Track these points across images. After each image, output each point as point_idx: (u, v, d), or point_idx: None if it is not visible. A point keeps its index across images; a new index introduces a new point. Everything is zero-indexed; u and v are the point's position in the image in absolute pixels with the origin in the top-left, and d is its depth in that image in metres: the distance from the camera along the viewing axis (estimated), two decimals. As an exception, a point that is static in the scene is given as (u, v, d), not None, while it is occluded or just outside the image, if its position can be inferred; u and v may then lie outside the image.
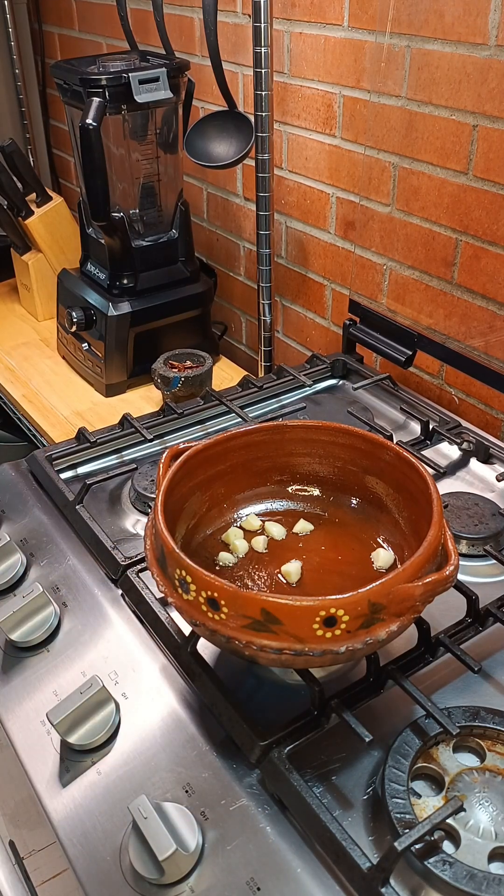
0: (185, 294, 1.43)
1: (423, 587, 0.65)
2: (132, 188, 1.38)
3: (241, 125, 1.31)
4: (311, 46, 1.25)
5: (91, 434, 1.12)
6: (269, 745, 0.68)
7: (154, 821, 0.62)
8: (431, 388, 1.27)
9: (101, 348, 1.39)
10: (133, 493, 1.02)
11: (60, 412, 1.39)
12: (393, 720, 0.72)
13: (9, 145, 1.56)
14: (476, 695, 0.75)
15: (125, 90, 1.24)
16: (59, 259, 1.66)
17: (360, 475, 0.85)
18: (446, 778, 0.67)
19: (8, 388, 1.48)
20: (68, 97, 1.31)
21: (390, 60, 1.12)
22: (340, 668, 0.78)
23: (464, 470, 1.06)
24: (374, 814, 0.65)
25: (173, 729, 0.73)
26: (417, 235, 1.18)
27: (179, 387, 1.27)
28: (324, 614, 0.63)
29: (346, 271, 1.35)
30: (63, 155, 2.14)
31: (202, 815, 0.66)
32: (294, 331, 1.54)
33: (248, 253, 1.57)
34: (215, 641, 0.69)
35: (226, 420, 1.18)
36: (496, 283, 1.09)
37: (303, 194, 1.38)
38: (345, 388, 1.28)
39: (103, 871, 0.64)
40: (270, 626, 0.63)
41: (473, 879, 0.59)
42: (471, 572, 0.89)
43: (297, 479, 0.89)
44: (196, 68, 1.43)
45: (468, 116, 1.04)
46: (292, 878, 0.61)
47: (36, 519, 1.00)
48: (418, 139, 1.12)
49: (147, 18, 1.51)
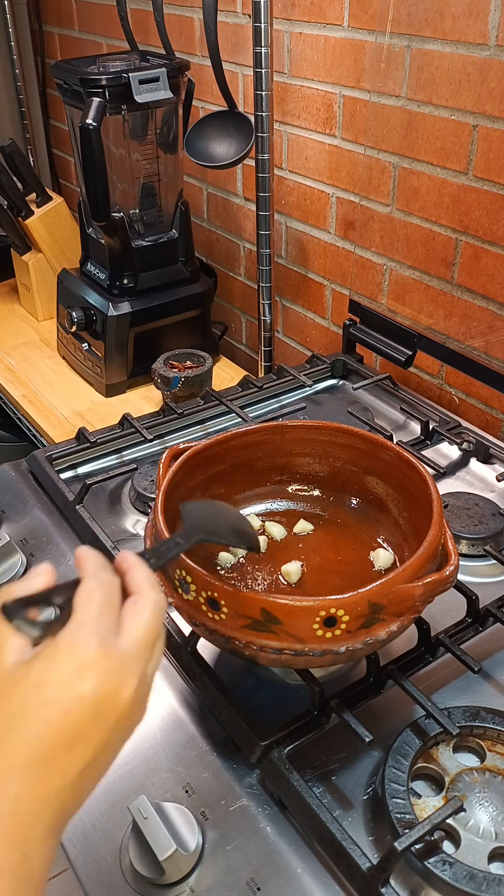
0: (185, 294, 1.43)
1: (423, 587, 0.65)
2: (132, 188, 1.38)
3: (241, 125, 1.31)
4: (311, 46, 1.25)
5: (91, 434, 1.11)
6: (270, 745, 0.68)
7: (154, 821, 0.62)
8: (431, 388, 1.27)
9: (101, 348, 1.39)
10: (133, 493, 1.02)
11: (60, 412, 1.39)
12: (393, 720, 0.72)
13: (9, 145, 1.56)
14: (476, 695, 0.75)
15: (125, 90, 1.24)
16: (59, 259, 1.66)
17: (360, 475, 0.85)
18: (446, 778, 0.67)
19: (8, 388, 1.48)
20: (68, 97, 1.31)
21: (390, 60, 1.12)
22: (340, 668, 0.78)
23: (464, 470, 1.06)
24: (374, 814, 0.65)
25: (173, 729, 0.73)
26: (417, 235, 1.18)
27: (179, 387, 1.27)
28: (324, 614, 0.63)
29: (346, 271, 1.35)
30: (63, 155, 2.14)
31: (202, 815, 0.66)
32: (294, 331, 1.54)
33: (248, 253, 1.57)
34: (215, 641, 0.69)
35: (226, 420, 1.18)
36: (496, 283, 1.09)
37: (303, 194, 1.38)
38: (345, 388, 1.28)
39: (103, 871, 0.64)
40: (270, 626, 0.63)
41: (473, 879, 0.59)
42: (471, 572, 0.89)
43: (297, 479, 0.89)
44: (196, 68, 1.43)
45: (468, 116, 1.04)
46: (292, 878, 0.61)
47: (36, 519, 1.00)
48: (418, 139, 1.12)
49: (147, 18, 1.51)
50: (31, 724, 0.43)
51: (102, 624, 0.45)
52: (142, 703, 0.47)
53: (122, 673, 0.45)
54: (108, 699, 0.44)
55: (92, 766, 0.44)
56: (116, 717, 0.45)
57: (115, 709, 0.44)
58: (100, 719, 0.44)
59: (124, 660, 0.45)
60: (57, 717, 0.43)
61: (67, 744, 0.43)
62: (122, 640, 0.46)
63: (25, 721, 0.43)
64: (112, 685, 0.44)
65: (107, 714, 0.44)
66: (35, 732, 0.43)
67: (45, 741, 0.43)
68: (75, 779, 0.44)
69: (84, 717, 0.43)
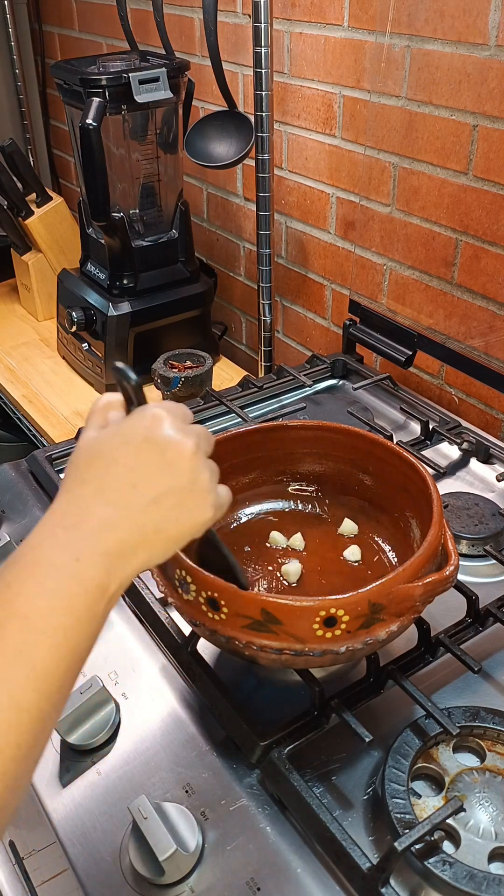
0: (185, 294, 1.43)
1: (423, 587, 0.65)
2: (132, 188, 1.38)
3: (241, 125, 1.31)
4: (311, 46, 1.25)
5: (91, 434, 1.11)
6: (270, 745, 0.68)
7: (154, 821, 0.62)
8: (431, 388, 1.27)
9: (101, 348, 1.39)
10: (133, 493, 1.02)
11: (60, 412, 1.39)
12: (393, 720, 0.72)
13: (9, 145, 1.56)
14: (476, 695, 0.75)
15: (125, 90, 1.24)
16: (59, 259, 1.66)
17: (359, 475, 0.85)
18: (446, 778, 0.67)
19: (8, 388, 1.48)
20: (68, 97, 1.31)
21: (390, 60, 1.12)
22: (340, 668, 0.78)
23: (464, 470, 1.06)
24: (374, 814, 0.65)
25: (173, 729, 0.73)
26: (417, 235, 1.18)
27: (179, 387, 1.27)
28: (324, 614, 0.63)
29: (346, 271, 1.35)
30: (63, 155, 2.14)
31: (202, 815, 0.66)
32: (294, 331, 1.54)
33: (248, 253, 1.57)
34: (215, 641, 0.69)
35: (226, 420, 1.18)
36: (496, 283, 1.09)
37: (303, 194, 1.38)
38: (345, 388, 1.28)
39: (103, 871, 0.64)
40: (270, 627, 0.63)
41: (473, 879, 0.59)
42: (471, 572, 0.89)
43: (297, 479, 0.89)
44: (196, 68, 1.43)
45: (468, 116, 1.04)
46: (292, 878, 0.61)
47: (36, 519, 1.00)
48: (418, 139, 1.12)
49: (147, 18, 1.51)
50: (106, 458, 0.52)
51: (175, 410, 0.55)
52: (205, 469, 0.54)
53: (184, 433, 0.53)
54: (172, 446, 0.52)
55: (154, 506, 0.51)
56: (179, 466, 0.52)
57: (177, 457, 0.52)
58: (164, 464, 0.52)
59: (185, 429, 0.54)
60: (128, 456, 0.52)
61: (133, 480, 0.51)
62: (187, 421, 0.55)
63: (101, 457, 0.52)
64: (176, 440, 0.53)
65: (171, 461, 0.52)
66: (107, 464, 0.51)
67: (115, 475, 0.51)
68: (137, 513, 0.51)
69: (150, 459, 0.52)
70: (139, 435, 0.52)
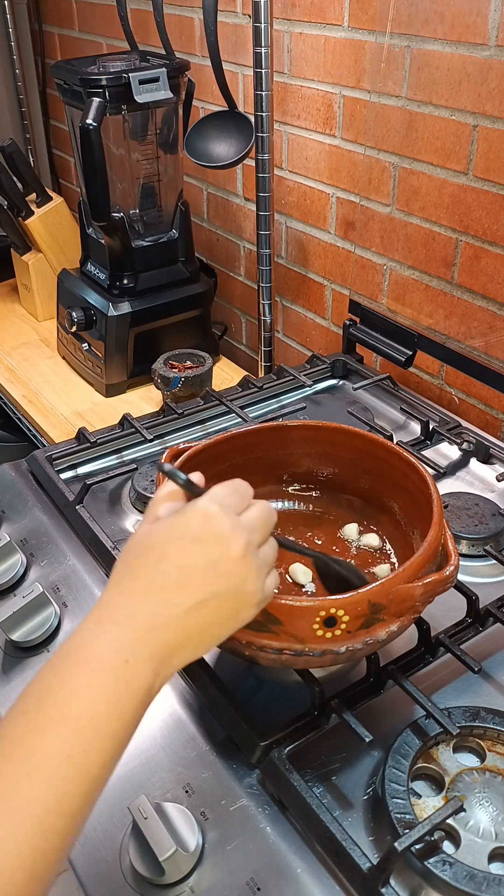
0: (185, 294, 1.43)
1: (423, 587, 0.65)
2: (132, 188, 1.38)
3: (241, 125, 1.31)
4: (311, 46, 1.25)
5: (91, 434, 1.11)
6: (270, 746, 0.68)
7: (154, 821, 0.62)
8: (431, 388, 1.27)
9: (101, 348, 1.39)
10: (133, 493, 1.02)
11: (60, 412, 1.39)
12: (393, 720, 0.72)
13: (9, 145, 1.56)
14: (476, 695, 0.75)
15: (125, 90, 1.24)
16: (59, 259, 1.66)
17: (359, 475, 0.85)
18: (446, 778, 0.67)
19: (8, 388, 1.48)
20: (68, 97, 1.31)
21: (390, 60, 1.12)
22: (340, 668, 0.78)
23: (464, 470, 1.06)
24: (374, 814, 0.65)
25: (173, 729, 0.73)
26: (417, 235, 1.18)
27: (179, 387, 1.27)
28: (324, 614, 0.63)
29: (346, 271, 1.35)
30: (63, 155, 2.14)
31: (202, 815, 0.66)
32: (294, 331, 1.54)
33: (248, 253, 1.57)
34: (215, 641, 0.69)
35: (226, 420, 1.18)
36: (496, 283, 1.09)
37: (303, 194, 1.38)
38: (345, 388, 1.28)
39: (103, 871, 0.64)
40: (270, 626, 0.63)
41: (473, 879, 0.59)
42: (471, 572, 0.89)
43: (297, 479, 0.89)
44: (196, 68, 1.43)
45: (468, 116, 1.04)
46: (292, 878, 0.61)
47: (36, 519, 1.00)
48: (418, 139, 1.12)
49: (147, 18, 1.51)
50: (157, 554, 0.53)
51: (229, 500, 0.56)
52: (252, 570, 0.55)
53: (236, 532, 0.54)
54: (220, 548, 0.53)
55: (200, 609, 0.52)
56: (227, 570, 0.53)
57: (225, 560, 0.53)
58: (211, 566, 0.53)
59: (237, 526, 0.54)
60: (177, 554, 0.53)
61: (180, 580, 0.52)
62: (240, 514, 0.56)
63: (153, 552, 0.53)
64: (225, 540, 0.53)
65: (219, 564, 0.53)
66: (157, 560, 0.53)
67: (164, 572, 0.52)
68: (182, 614, 0.52)
69: (199, 561, 0.53)
70: (190, 533, 0.54)
